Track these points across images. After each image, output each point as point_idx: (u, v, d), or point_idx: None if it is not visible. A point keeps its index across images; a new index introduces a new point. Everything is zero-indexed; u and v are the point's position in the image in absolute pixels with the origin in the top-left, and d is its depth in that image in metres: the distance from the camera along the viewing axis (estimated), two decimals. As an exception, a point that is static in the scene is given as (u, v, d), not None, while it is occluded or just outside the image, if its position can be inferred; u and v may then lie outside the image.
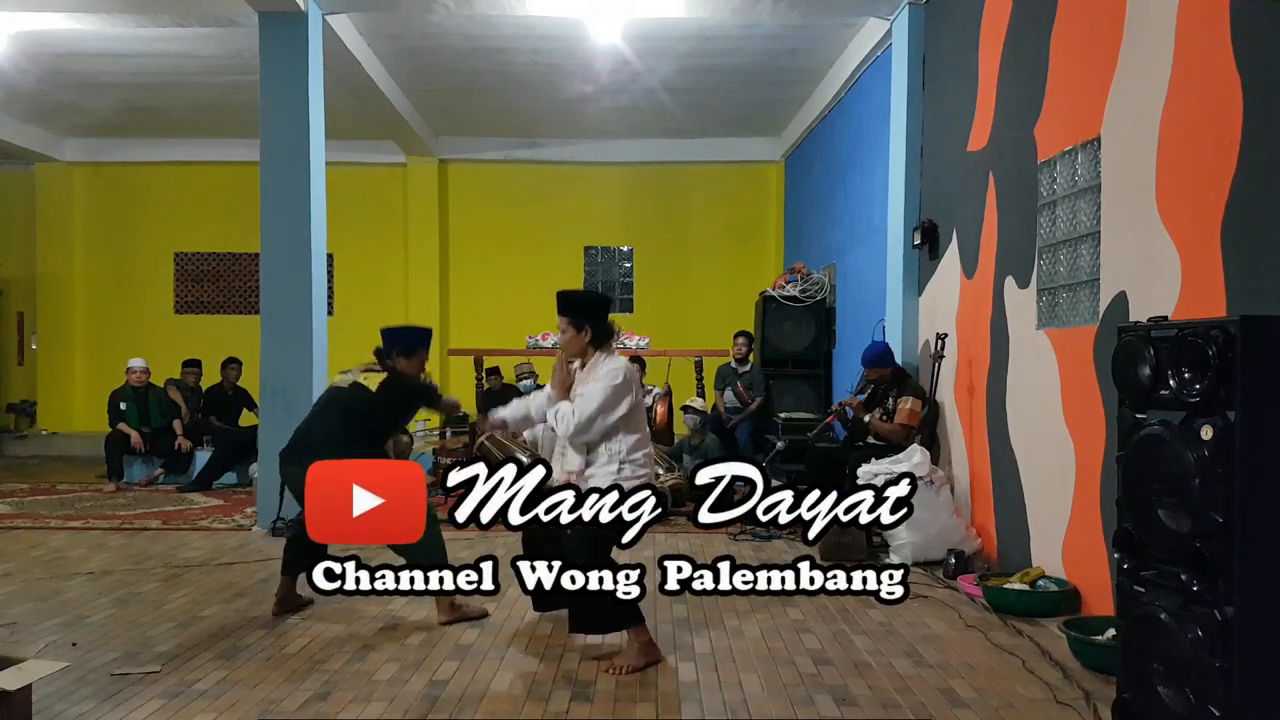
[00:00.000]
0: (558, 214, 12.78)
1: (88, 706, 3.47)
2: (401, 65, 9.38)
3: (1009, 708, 3.48)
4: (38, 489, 8.99)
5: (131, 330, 12.57)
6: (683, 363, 9.76)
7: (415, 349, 4.85)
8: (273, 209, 7.07)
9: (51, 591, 5.16)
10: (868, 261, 8.46)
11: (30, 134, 11.81)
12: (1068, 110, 4.84)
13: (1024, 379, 5.30)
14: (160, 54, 8.98)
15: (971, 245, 6.07)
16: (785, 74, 9.63)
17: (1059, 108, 4.95)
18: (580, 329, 4.10)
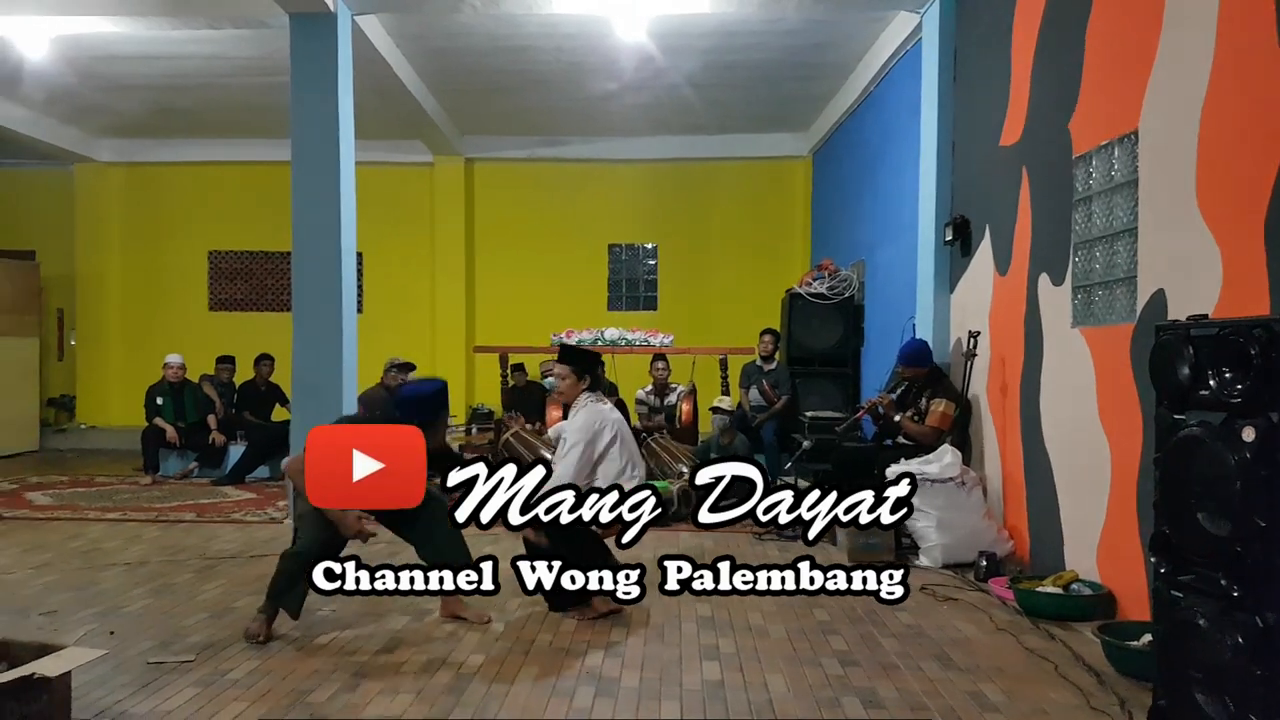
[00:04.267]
0: (582, 212, 12.78)
1: (124, 694, 3.53)
2: (428, 65, 9.42)
3: (1040, 713, 3.43)
4: (76, 481, 9.14)
5: (167, 327, 12.73)
6: (707, 361, 9.74)
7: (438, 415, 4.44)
8: (304, 208, 7.13)
9: (89, 581, 5.25)
10: (898, 258, 8.38)
11: (68, 135, 11.98)
12: (1104, 103, 4.77)
13: (1058, 378, 5.22)
14: (193, 56, 9.08)
15: (1004, 241, 5.99)
16: (812, 69, 9.57)
17: (1095, 101, 4.87)
18: (580, 378, 4.88)
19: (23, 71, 9.40)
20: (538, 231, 12.75)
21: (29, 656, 3.20)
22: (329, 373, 7.03)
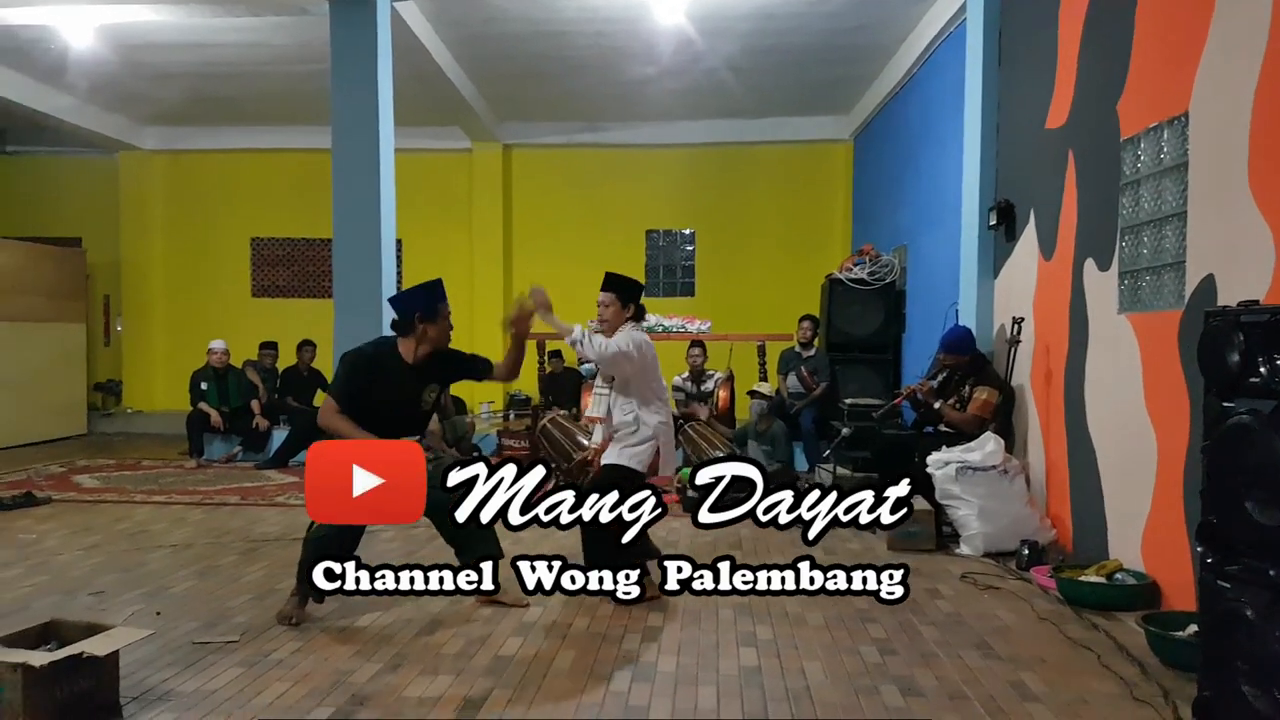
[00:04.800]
0: (619, 197, 12.77)
1: (171, 673, 3.60)
2: (466, 51, 9.45)
3: (1082, 703, 3.39)
4: (123, 465, 9.31)
5: (211, 313, 12.92)
6: (745, 347, 9.69)
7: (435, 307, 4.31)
8: (344, 196, 7.20)
9: (136, 563, 5.35)
10: (940, 243, 8.29)
11: (113, 123, 12.18)
12: (1153, 85, 4.66)
13: (1104, 365, 5.14)
14: (234, 44, 9.19)
15: (1050, 226, 5.90)
16: (853, 51, 9.47)
17: (1144, 82, 4.77)
18: (625, 305, 4.75)
19: (68, 60, 9.57)
20: (575, 217, 12.77)
21: (78, 636, 3.28)
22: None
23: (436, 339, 4.31)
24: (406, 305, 4.28)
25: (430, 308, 4.26)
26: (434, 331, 4.28)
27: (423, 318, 4.24)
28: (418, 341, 4.28)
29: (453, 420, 8.85)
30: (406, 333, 4.28)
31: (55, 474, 8.65)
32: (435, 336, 4.30)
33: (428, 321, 4.26)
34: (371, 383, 4.22)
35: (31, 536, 6.00)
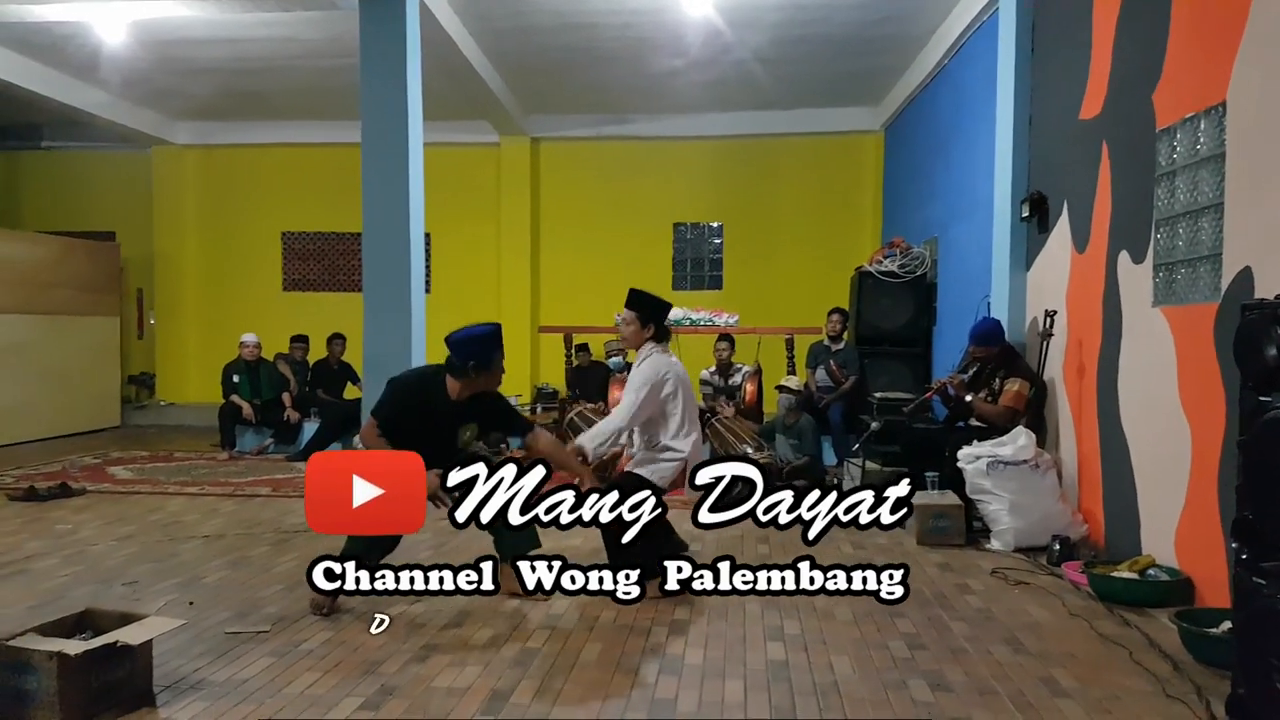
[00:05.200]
0: (647, 190, 12.74)
1: (203, 662, 3.64)
2: (494, 44, 9.46)
3: (1114, 699, 3.35)
4: (156, 456, 9.43)
5: (242, 306, 13.05)
6: (773, 341, 9.65)
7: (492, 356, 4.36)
8: (374, 190, 7.23)
9: (169, 553, 5.42)
10: (972, 235, 8.21)
11: (145, 118, 12.31)
12: (1190, 74, 4.59)
13: (1137, 359, 5.07)
14: (264, 39, 9.25)
15: (1083, 218, 5.83)
16: (884, 41, 9.40)
17: (1180, 72, 4.69)
18: (645, 324, 4.67)
19: (101, 56, 9.69)
20: (602, 211, 12.77)
21: (112, 625, 3.32)
22: (398, 352, 7.15)
23: (485, 386, 4.40)
24: (465, 351, 4.30)
25: (486, 358, 4.32)
26: (485, 380, 4.36)
27: (477, 367, 4.30)
28: (465, 385, 4.34)
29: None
30: (458, 375, 4.33)
31: (90, 465, 8.78)
32: (485, 384, 4.38)
33: (482, 371, 4.32)
34: (413, 411, 4.29)
35: (67, 527, 6.10)
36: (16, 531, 5.94)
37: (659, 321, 4.75)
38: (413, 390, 4.36)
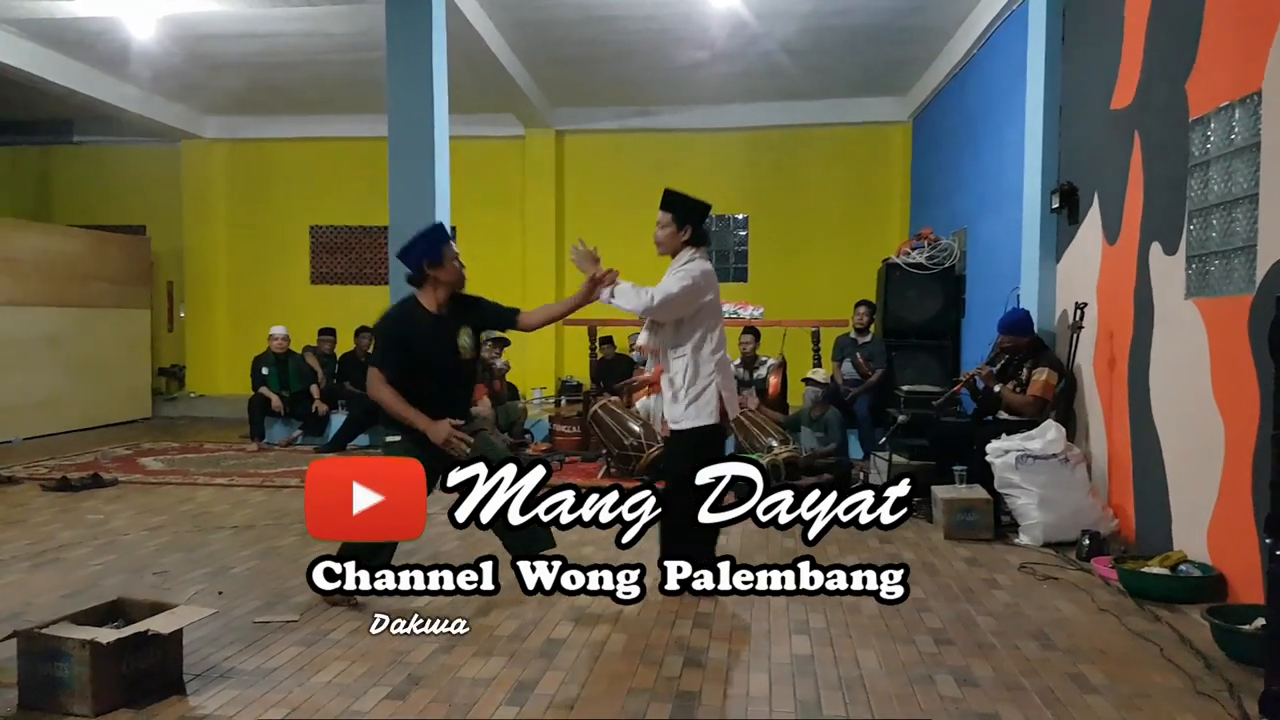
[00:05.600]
0: (672, 182, 12.41)
1: (232, 651, 3.68)
2: (520, 37, 9.47)
3: (1144, 696, 3.31)
4: (186, 448, 9.53)
5: (271, 299, 13.15)
6: (799, 333, 9.60)
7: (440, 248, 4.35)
8: (400, 184, 7.27)
9: (199, 543, 5.47)
10: (1001, 226, 8.14)
11: (175, 112, 12.43)
12: (1224, 63, 4.51)
13: (1169, 352, 5.01)
14: (292, 33, 9.31)
15: (1114, 209, 5.75)
16: (912, 32, 9.31)
17: (1214, 60, 4.62)
18: (681, 227, 4.48)
19: (130, 51, 9.78)
20: (627, 203, 12.71)
21: (143, 614, 3.36)
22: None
23: (449, 281, 4.38)
24: (413, 255, 4.35)
25: (435, 252, 4.32)
26: (445, 275, 4.35)
27: (431, 264, 4.32)
28: (434, 288, 4.36)
29: (506, 406, 8.91)
30: (421, 283, 4.37)
31: (121, 456, 8.89)
32: (447, 279, 4.37)
33: (436, 267, 4.33)
34: (407, 340, 4.28)
35: (99, 517, 6.17)
36: (50, 521, 6.03)
37: (696, 223, 4.53)
38: (397, 322, 4.36)
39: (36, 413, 10.24)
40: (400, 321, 4.36)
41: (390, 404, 4.23)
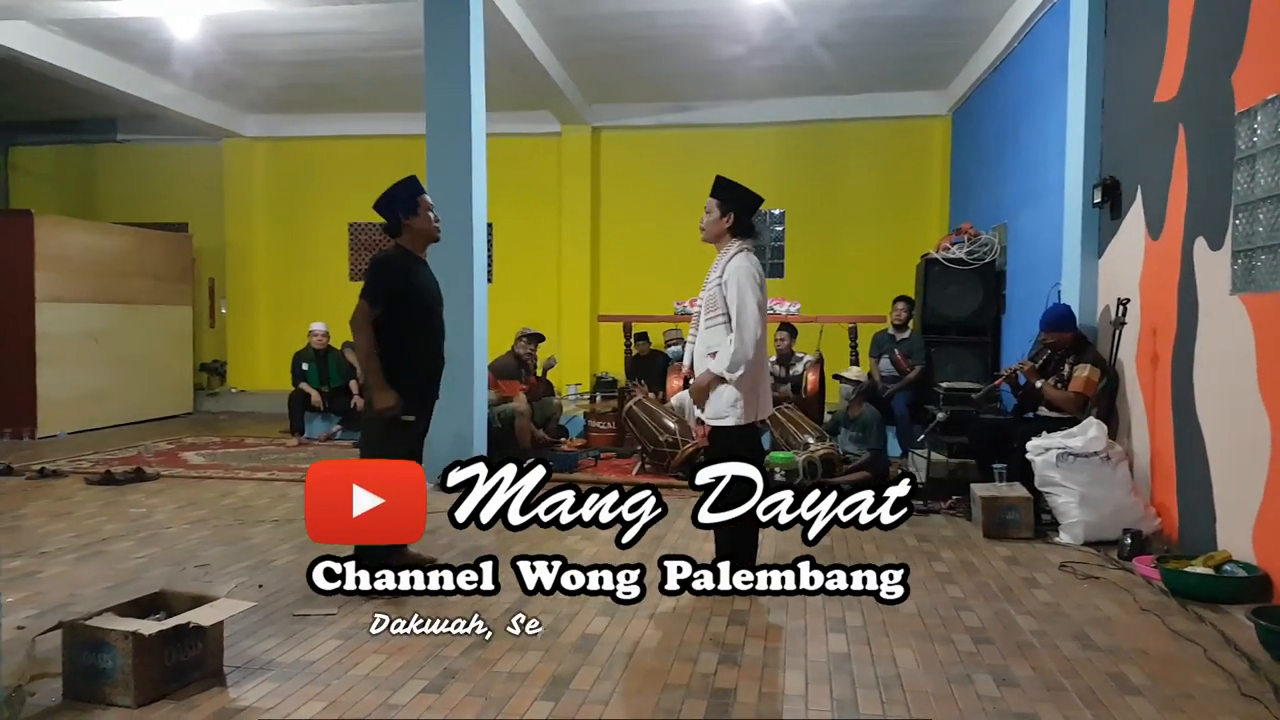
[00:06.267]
0: (708, 178, 12.40)
1: (272, 643, 3.73)
2: (557, 34, 9.48)
3: (1186, 697, 3.26)
4: (228, 442, 9.66)
5: (310, 296, 13.28)
6: (835, 330, 9.54)
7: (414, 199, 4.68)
8: (437, 181, 7.29)
9: (240, 537, 5.55)
10: (1042, 221, 8.03)
11: (216, 110, 12.58)
12: (1273, 54, 4.41)
13: (1214, 348, 4.91)
14: (331, 31, 9.38)
15: (1158, 204, 5.66)
16: (952, 25, 9.21)
17: (1262, 51, 4.52)
18: (725, 213, 4.43)
19: (173, 50, 9.92)
20: (663, 199, 12.72)
21: (185, 606, 3.42)
22: (461, 341, 7.19)
23: (424, 230, 4.68)
24: (389, 206, 4.65)
25: (411, 203, 4.63)
26: (419, 223, 4.65)
27: (406, 214, 4.62)
28: (410, 239, 4.68)
29: (541, 402, 8.94)
30: (397, 234, 4.67)
31: (164, 450, 9.03)
32: (422, 228, 4.67)
33: (410, 216, 4.62)
34: (408, 275, 4.57)
35: (142, 510, 6.28)
36: (94, 514, 6.14)
37: (741, 212, 4.45)
38: (397, 259, 4.62)
39: (81, 407, 10.43)
40: (400, 259, 4.61)
41: (364, 345, 4.48)
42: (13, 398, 9.79)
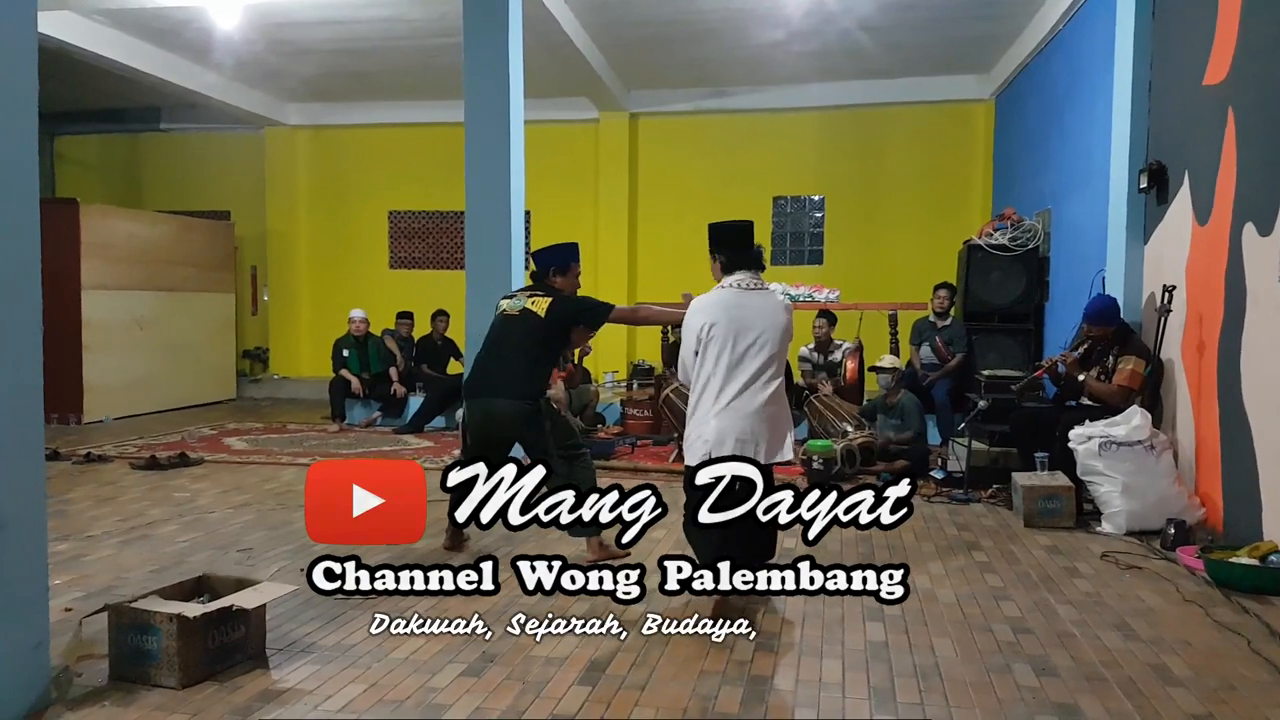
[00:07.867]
0: (746, 164, 12.57)
1: (313, 627, 3.79)
2: (595, 20, 9.46)
3: (1229, 689, 3.21)
4: (270, 428, 9.80)
5: (351, 283, 13.40)
6: (876, 317, 9.46)
7: (569, 264, 5.01)
8: (476, 169, 7.32)
9: (282, 521, 5.63)
10: (1087, 207, 7.90)
11: (258, 99, 12.71)
12: (1326, 33, 4.31)
13: (1262, 336, 4.81)
14: (371, 19, 9.43)
15: (1205, 189, 5.54)
16: (996, 7, 9.07)
17: (1315, 31, 4.41)
18: (714, 259, 4.38)
19: (215, 40, 10.04)
20: (701, 185, 12.66)
21: (228, 590, 3.48)
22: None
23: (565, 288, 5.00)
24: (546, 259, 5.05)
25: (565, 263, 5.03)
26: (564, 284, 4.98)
27: (558, 271, 4.99)
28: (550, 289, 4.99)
29: (579, 389, 8.97)
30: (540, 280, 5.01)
31: (207, 436, 9.18)
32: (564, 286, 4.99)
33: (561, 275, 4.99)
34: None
35: (186, 495, 6.40)
36: (139, 499, 6.26)
37: (728, 250, 4.26)
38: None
39: (126, 393, 10.62)
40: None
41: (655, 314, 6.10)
42: (59, 384, 9.97)
